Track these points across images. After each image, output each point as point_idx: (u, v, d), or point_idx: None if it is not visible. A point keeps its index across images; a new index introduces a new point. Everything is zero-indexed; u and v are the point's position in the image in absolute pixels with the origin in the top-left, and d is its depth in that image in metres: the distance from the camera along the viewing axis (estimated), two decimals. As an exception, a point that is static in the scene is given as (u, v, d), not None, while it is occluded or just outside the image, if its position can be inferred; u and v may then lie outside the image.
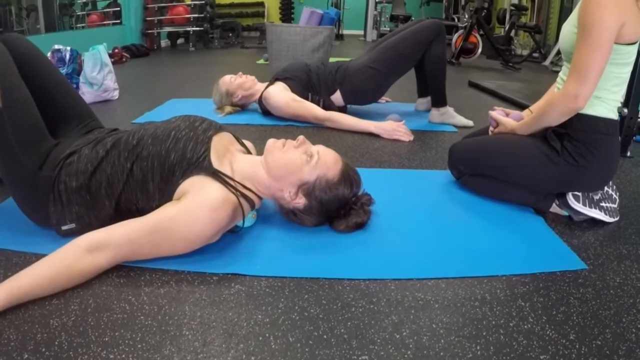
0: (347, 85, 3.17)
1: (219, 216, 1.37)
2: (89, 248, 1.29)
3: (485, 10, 7.95)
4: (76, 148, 1.55)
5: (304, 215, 1.58)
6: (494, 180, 1.93)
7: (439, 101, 3.23)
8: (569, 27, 1.73)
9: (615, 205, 1.85)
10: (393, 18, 11.99)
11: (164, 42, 9.43)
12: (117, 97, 4.02)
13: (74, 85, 3.65)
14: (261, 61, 6.93)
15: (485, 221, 1.80)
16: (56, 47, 3.94)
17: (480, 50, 7.40)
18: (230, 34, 10.47)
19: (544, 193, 1.88)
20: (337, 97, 3.21)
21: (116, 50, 6.76)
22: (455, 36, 7.54)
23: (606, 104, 1.72)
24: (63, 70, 3.76)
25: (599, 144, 1.74)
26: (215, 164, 1.48)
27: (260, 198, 1.59)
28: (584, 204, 1.80)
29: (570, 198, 1.81)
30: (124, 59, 6.85)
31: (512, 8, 9.01)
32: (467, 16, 8.45)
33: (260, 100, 3.26)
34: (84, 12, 8.23)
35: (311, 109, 3.06)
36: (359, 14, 12.94)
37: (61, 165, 1.50)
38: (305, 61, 3.81)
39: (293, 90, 3.15)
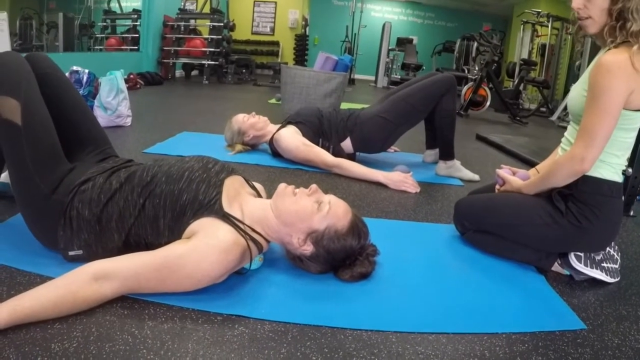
0: (357, 133, 3.21)
1: (227, 258, 1.39)
2: (95, 276, 1.29)
3: (495, 64, 8.07)
4: (91, 175, 1.57)
5: (310, 262, 1.59)
6: (498, 238, 1.95)
7: (447, 154, 3.27)
8: (579, 89, 1.77)
9: (617, 266, 1.87)
10: (404, 66, 12.20)
11: (178, 73, 9.60)
12: (129, 124, 4.09)
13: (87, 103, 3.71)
14: (273, 101, 7.01)
15: (488, 278, 1.81)
16: (74, 68, 4.01)
17: (488, 103, 7.48)
18: (244, 70, 10.62)
19: (547, 252, 1.90)
20: (347, 144, 3.25)
21: (131, 76, 6.89)
22: (465, 88, 7.64)
23: (611, 167, 1.75)
24: (79, 92, 3.78)
25: (602, 206, 1.76)
26: (226, 207, 1.50)
27: (268, 242, 1.61)
28: (586, 264, 1.81)
29: (572, 258, 1.83)
30: (138, 86, 6.98)
31: (522, 63, 9.15)
32: (477, 68, 8.58)
33: (271, 142, 3.30)
34: (104, 35, 8.42)
35: (321, 155, 3.09)
36: (371, 60, 13.17)
37: (75, 192, 1.51)
38: (317, 106, 3.87)
39: (304, 135, 3.20)
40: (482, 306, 1.59)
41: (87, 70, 4.03)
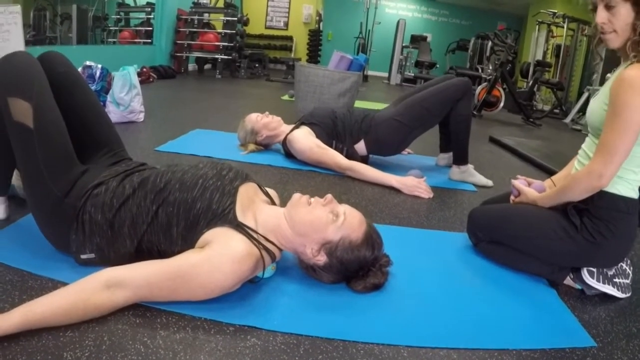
0: (371, 136, 3.20)
1: (241, 268, 1.39)
2: (107, 284, 1.29)
3: (509, 64, 8.02)
4: (104, 179, 1.57)
5: (322, 272, 1.59)
6: (511, 250, 1.94)
7: (461, 159, 3.25)
8: (599, 102, 1.75)
9: (628, 281, 1.85)
10: (418, 64, 12.14)
11: (191, 66, 9.61)
12: (142, 120, 4.09)
13: (101, 103, 3.71)
14: (286, 97, 7.00)
15: (500, 291, 1.80)
16: (87, 63, 4.03)
17: (502, 104, 7.44)
18: (257, 65, 10.61)
19: (559, 266, 1.88)
20: (360, 147, 3.24)
21: (144, 70, 6.89)
22: (479, 88, 7.60)
23: (628, 183, 1.73)
24: (92, 87, 3.82)
25: (617, 222, 1.75)
26: (240, 216, 1.50)
27: (281, 250, 1.61)
28: (598, 280, 1.80)
29: (584, 273, 1.81)
30: (151, 79, 6.98)
31: (536, 64, 9.08)
32: (491, 68, 8.53)
33: (284, 142, 3.30)
34: (117, 28, 8.43)
35: (334, 157, 3.09)
36: (384, 57, 13.14)
37: (88, 195, 1.51)
38: (332, 106, 3.86)
39: (318, 136, 3.19)
40: (493, 320, 1.58)
41: (100, 65, 4.05)
